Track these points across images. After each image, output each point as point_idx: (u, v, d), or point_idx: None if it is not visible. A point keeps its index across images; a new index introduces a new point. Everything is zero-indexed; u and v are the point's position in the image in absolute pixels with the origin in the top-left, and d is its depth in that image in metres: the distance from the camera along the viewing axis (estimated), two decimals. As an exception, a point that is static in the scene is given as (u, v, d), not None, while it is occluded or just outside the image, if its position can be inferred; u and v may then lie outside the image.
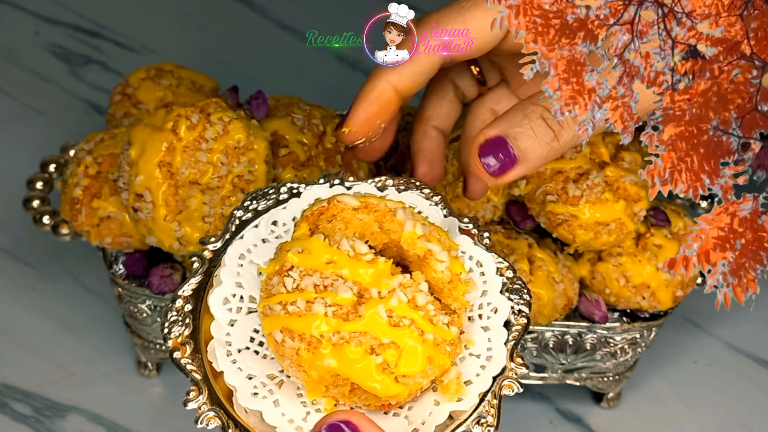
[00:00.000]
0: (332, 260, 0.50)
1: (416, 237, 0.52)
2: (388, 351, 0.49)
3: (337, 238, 0.51)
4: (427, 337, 0.50)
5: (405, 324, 0.50)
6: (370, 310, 0.49)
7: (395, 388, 0.50)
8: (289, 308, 0.50)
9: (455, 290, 0.52)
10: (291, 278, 0.50)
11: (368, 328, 0.49)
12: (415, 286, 0.51)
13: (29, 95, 1.05)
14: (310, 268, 0.50)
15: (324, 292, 0.50)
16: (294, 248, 0.51)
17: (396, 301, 0.50)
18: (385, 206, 0.53)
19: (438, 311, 0.51)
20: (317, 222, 0.53)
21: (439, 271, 0.52)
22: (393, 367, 0.50)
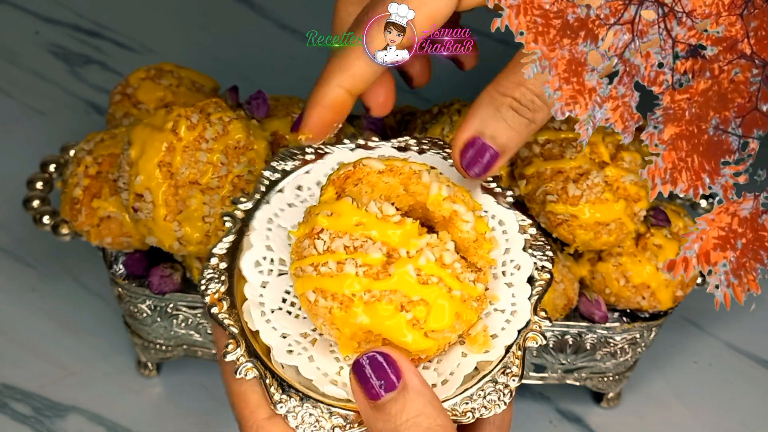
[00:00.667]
0: (361, 222, 0.52)
1: (442, 198, 0.53)
2: (418, 308, 0.51)
3: (364, 201, 0.53)
4: (454, 294, 0.52)
5: (433, 282, 0.51)
6: (399, 269, 0.51)
7: (425, 343, 0.52)
8: (321, 269, 0.52)
9: (480, 249, 0.54)
10: (322, 240, 0.52)
11: (398, 286, 0.51)
12: (442, 245, 0.52)
13: (29, 95, 1.05)
14: (340, 231, 0.52)
15: (354, 253, 0.51)
16: (323, 211, 0.52)
17: (424, 260, 0.51)
18: (410, 169, 0.54)
19: (464, 269, 0.53)
20: (344, 186, 0.54)
21: (465, 231, 0.53)
22: (423, 323, 0.51)
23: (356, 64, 0.59)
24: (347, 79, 0.60)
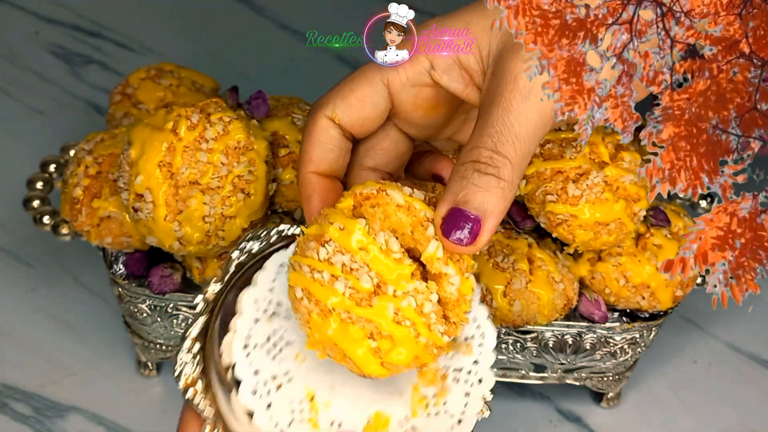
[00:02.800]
0: (365, 248, 0.54)
1: (435, 258, 0.55)
2: (384, 341, 0.54)
3: (375, 228, 0.55)
4: (420, 340, 0.55)
5: (406, 325, 0.54)
6: (381, 304, 0.54)
7: (378, 371, 0.55)
8: (315, 275, 0.54)
9: (458, 308, 0.56)
10: (325, 250, 0.54)
11: (375, 317, 0.54)
12: (427, 294, 0.55)
13: (29, 95, 1.05)
14: (344, 248, 0.54)
15: (349, 274, 0.54)
16: (337, 223, 0.55)
17: (406, 304, 0.54)
18: (424, 215, 0.56)
19: (438, 320, 0.55)
20: (362, 203, 0.57)
21: (449, 292, 0.56)
22: (383, 354, 0.55)
23: (309, 150, 0.62)
24: (310, 165, 0.62)
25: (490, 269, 0.73)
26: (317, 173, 0.61)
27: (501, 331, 0.76)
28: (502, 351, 0.78)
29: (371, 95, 0.61)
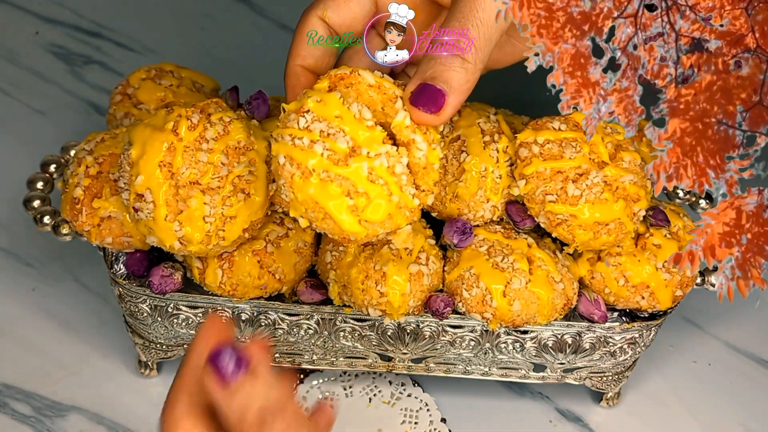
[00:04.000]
0: (341, 116, 0.60)
1: (404, 126, 0.62)
2: (360, 198, 0.60)
3: (350, 101, 0.61)
4: (393, 198, 0.61)
5: (379, 183, 0.60)
6: (356, 164, 0.60)
7: (356, 227, 0.61)
8: (296, 141, 0.60)
9: (426, 176, 0.63)
10: (305, 119, 0.60)
11: (350, 176, 0.60)
12: (397, 157, 0.61)
13: (29, 95, 1.05)
14: (322, 116, 0.60)
15: (326, 138, 0.60)
16: (314, 96, 0.60)
17: (378, 163, 0.60)
18: (393, 92, 0.63)
19: (409, 184, 0.62)
20: (336, 83, 0.62)
21: (417, 157, 0.62)
22: (360, 212, 0.61)
23: (298, 45, 0.69)
24: (297, 59, 0.69)
25: (490, 269, 0.73)
26: (303, 67, 0.68)
27: (501, 331, 0.76)
28: (502, 351, 0.78)
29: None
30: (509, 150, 0.76)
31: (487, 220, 0.77)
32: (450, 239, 0.75)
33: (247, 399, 0.54)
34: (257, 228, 0.72)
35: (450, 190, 0.76)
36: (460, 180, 0.75)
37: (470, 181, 0.75)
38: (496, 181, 0.75)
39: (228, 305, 0.76)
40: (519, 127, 0.79)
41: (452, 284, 0.75)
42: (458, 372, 0.81)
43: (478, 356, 0.78)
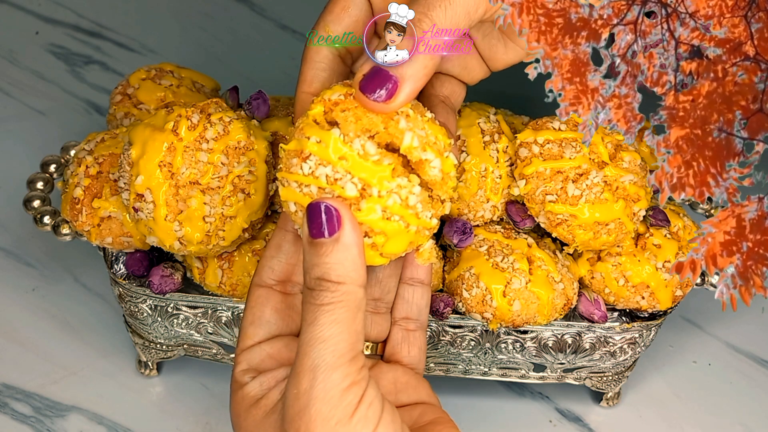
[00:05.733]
0: (344, 157, 0.57)
1: (413, 147, 0.59)
2: (378, 237, 0.58)
3: (350, 135, 0.58)
4: (410, 229, 0.59)
5: (395, 220, 0.58)
6: (369, 206, 0.57)
7: (378, 260, 0.60)
8: (303, 189, 0.58)
9: (445, 185, 0.61)
10: (308, 165, 0.58)
11: (365, 219, 0.58)
12: (410, 187, 0.58)
13: (29, 95, 1.05)
14: (325, 160, 0.57)
15: (334, 185, 0.57)
16: (314, 137, 0.58)
17: (391, 202, 0.58)
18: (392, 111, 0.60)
19: (425, 207, 0.60)
20: (331, 108, 0.59)
21: (433, 174, 0.60)
22: (380, 248, 0.59)
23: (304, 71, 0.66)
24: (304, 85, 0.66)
25: (490, 269, 0.73)
26: (310, 93, 0.65)
27: (501, 331, 0.76)
28: (502, 351, 0.78)
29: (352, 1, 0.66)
30: (509, 150, 0.76)
31: (487, 220, 0.77)
32: (450, 239, 0.75)
33: (324, 260, 0.57)
34: (257, 228, 0.73)
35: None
36: (460, 180, 0.75)
37: (470, 181, 0.75)
38: (496, 181, 0.75)
39: (228, 305, 0.76)
40: (519, 127, 0.79)
41: (452, 284, 0.75)
42: (458, 372, 0.81)
43: (478, 356, 0.79)
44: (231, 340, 0.79)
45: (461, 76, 0.70)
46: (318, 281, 0.56)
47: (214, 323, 0.77)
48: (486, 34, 0.68)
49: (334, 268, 0.56)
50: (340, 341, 0.55)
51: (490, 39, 0.68)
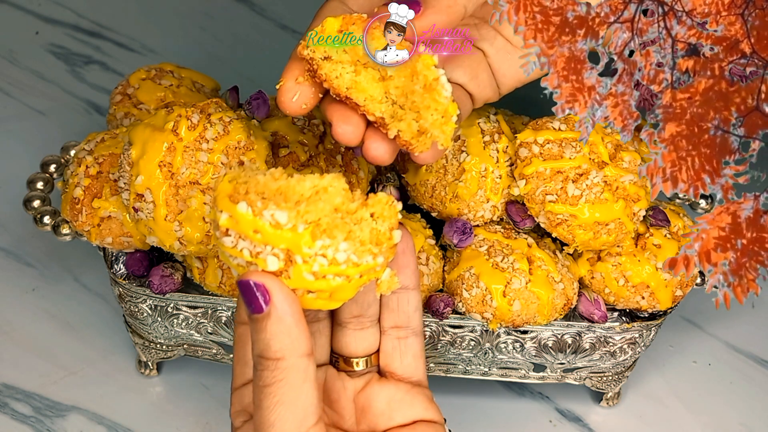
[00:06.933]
0: (258, 230, 0.54)
1: (433, 63, 0.58)
2: (323, 293, 0.55)
3: (259, 207, 0.55)
4: (354, 278, 0.56)
5: (330, 278, 0.55)
6: (296, 275, 0.55)
7: (334, 304, 0.57)
8: (233, 260, 0.56)
9: (445, 125, 0.59)
10: (230, 238, 0.55)
11: (298, 286, 0.55)
12: (335, 245, 0.55)
13: (29, 95, 1.05)
14: (242, 234, 0.55)
15: (256, 258, 0.55)
16: (225, 212, 0.55)
17: (318, 267, 0.54)
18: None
19: (364, 252, 0.56)
20: (237, 186, 0.56)
21: (443, 97, 0.58)
22: (329, 298, 0.56)
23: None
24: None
25: (490, 269, 0.73)
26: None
27: (501, 331, 0.76)
28: (502, 351, 0.78)
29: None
30: (509, 150, 0.76)
31: (487, 220, 0.77)
32: (450, 239, 0.75)
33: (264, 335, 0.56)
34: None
35: (450, 190, 0.76)
36: (460, 180, 0.75)
37: (470, 181, 0.75)
38: (496, 181, 0.75)
39: (228, 305, 0.76)
40: (519, 127, 0.79)
41: (452, 284, 0.75)
42: (458, 372, 0.81)
43: (478, 356, 0.78)
44: (231, 340, 0.79)
45: (470, 86, 0.66)
46: (258, 359, 0.55)
47: (214, 323, 0.77)
48: (499, 48, 0.66)
49: (271, 343, 0.55)
50: (285, 422, 0.54)
51: (504, 54, 0.66)
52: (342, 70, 0.60)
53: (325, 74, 0.60)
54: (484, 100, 0.67)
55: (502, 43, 0.66)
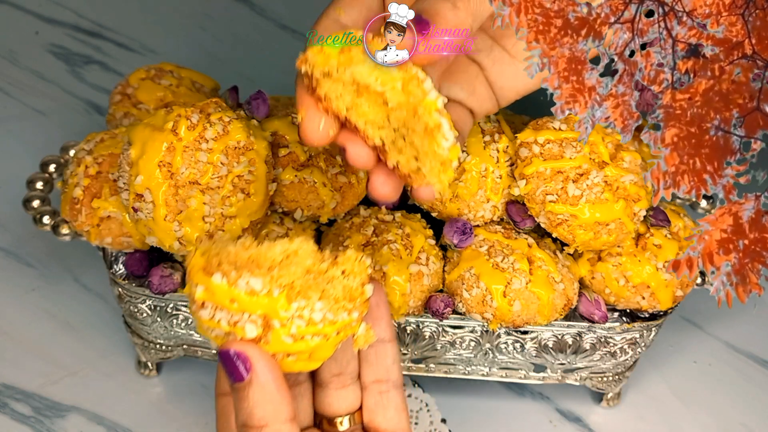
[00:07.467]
0: (234, 299, 0.55)
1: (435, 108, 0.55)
2: (302, 354, 0.56)
3: (233, 276, 0.55)
4: (332, 336, 0.56)
5: (308, 339, 0.56)
6: (275, 338, 0.56)
7: (313, 365, 0.58)
8: (211, 332, 0.57)
9: (443, 173, 0.57)
10: (207, 311, 0.56)
11: (278, 350, 0.56)
12: (311, 305, 0.56)
13: (29, 95, 1.05)
14: (219, 305, 0.55)
15: (234, 327, 0.55)
16: (199, 286, 0.56)
17: (295, 329, 0.55)
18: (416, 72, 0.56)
19: (339, 309, 0.57)
20: (210, 256, 0.57)
21: (442, 147, 0.56)
22: (308, 359, 0.57)
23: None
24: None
25: (490, 269, 0.73)
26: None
27: (501, 331, 0.76)
28: (502, 351, 0.78)
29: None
30: (509, 150, 0.76)
31: (487, 220, 0.77)
32: (450, 239, 0.75)
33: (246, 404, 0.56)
34: (257, 228, 0.72)
35: (450, 190, 0.75)
36: (460, 180, 0.75)
37: (470, 181, 0.75)
38: (496, 181, 0.75)
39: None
40: (519, 127, 0.79)
41: (452, 284, 0.75)
42: (458, 372, 0.81)
43: (478, 357, 0.78)
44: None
45: (468, 102, 0.65)
46: (243, 428, 0.56)
47: (214, 323, 0.77)
48: (496, 60, 0.65)
49: (254, 411, 0.55)
50: None
51: (501, 65, 0.65)
52: (343, 90, 0.57)
53: (324, 94, 0.58)
54: (484, 113, 0.66)
55: (500, 54, 0.65)
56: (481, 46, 0.65)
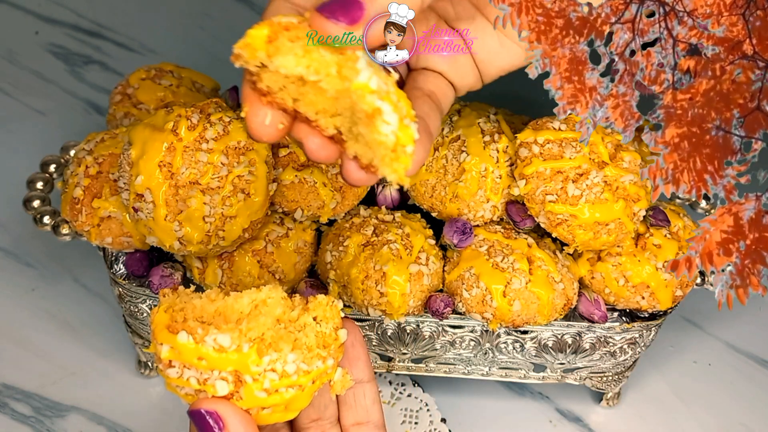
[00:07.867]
0: (202, 357, 0.53)
1: (368, 91, 0.48)
2: (278, 406, 0.54)
3: (200, 334, 0.53)
4: (307, 386, 0.55)
5: (282, 391, 0.54)
6: (248, 394, 0.53)
7: (290, 415, 0.56)
8: (181, 390, 0.54)
9: (396, 161, 0.49)
10: (175, 370, 0.54)
11: (253, 405, 0.54)
12: (283, 357, 0.54)
13: (29, 95, 1.05)
14: (188, 363, 0.53)
15: (204, 385, 0.53)
16: (165, 345, 0.54)
17: (268, 383, 0.53)
18: (353, 52, 0.50)
19: (313, 358, 0.55)
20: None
21: (383, 134, 0.49)
22: (284, 410, 0.55)
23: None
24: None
25: (490, 269, 0.73)
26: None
27: (501, 331, 0.76)
28: (502, 351, 0.78)
29: None
30: (509, 150, 0.76)
31: (487, 220, 0.77)
32: (450, 239, 0.75)
33: None
34: (257, 228, 0.72)
35: (450, 190, 0.75)
36: (460, 180, 0.75)
37: (470, 181, 0.75)
38: (496, 181, 0.75)
39: (228, 306, 0.76)
40: (519, 127, 0.79)
41: (452, 284, 0.75)
42: (458, 372, 0.81)
43: (478, 356, 0.78)
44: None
45: (449, 74, 0.62)
46: None
47: (214, 323, 0.77)
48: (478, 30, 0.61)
49: None
50: None
51: (483, 37, 0.61)
52: (285, 81, 0.51)
53: (267, 87, 0.52)
54: (466, 88, 0.63)
55: (482, 23, 0.61)
56: (463, 15, 0.62)
